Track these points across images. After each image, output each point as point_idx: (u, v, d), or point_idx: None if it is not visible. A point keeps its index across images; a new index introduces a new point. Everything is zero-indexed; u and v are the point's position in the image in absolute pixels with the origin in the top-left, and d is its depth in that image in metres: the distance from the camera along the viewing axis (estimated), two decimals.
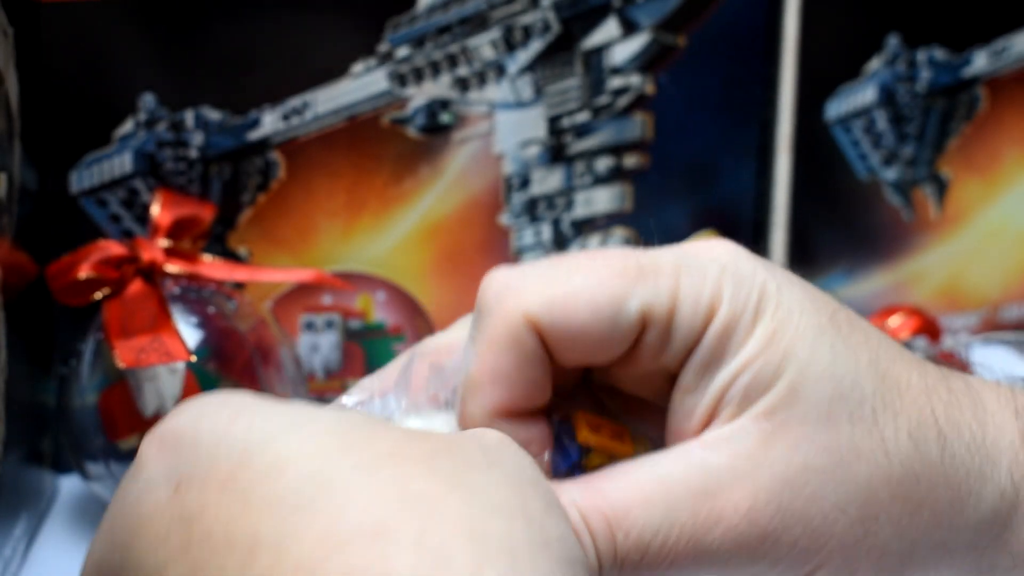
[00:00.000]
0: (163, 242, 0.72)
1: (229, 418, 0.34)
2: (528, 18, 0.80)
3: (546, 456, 0.39)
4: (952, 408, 0.40)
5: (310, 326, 0.81)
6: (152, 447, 0.34)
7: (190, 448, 0.33)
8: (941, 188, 0.92)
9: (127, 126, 0.75)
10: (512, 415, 0.38)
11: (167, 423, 0.34)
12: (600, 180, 0.84)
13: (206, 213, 0.75)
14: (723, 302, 0.38)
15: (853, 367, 0.39)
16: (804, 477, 0.38)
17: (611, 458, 0.39)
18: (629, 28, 0.82)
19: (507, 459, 0.35)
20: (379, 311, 0.82)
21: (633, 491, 0.38)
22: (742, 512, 0.37)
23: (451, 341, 0.42)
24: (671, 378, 0.40)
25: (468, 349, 0.40)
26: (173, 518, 0.32)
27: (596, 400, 0.42)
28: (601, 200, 0.84)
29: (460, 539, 0.31)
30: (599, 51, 0.82)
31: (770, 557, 0.38)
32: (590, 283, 0.38)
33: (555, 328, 0.37)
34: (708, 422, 0.39)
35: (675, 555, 0.37)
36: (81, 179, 0.75)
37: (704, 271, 0.38)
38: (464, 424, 0.38)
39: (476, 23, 0.80)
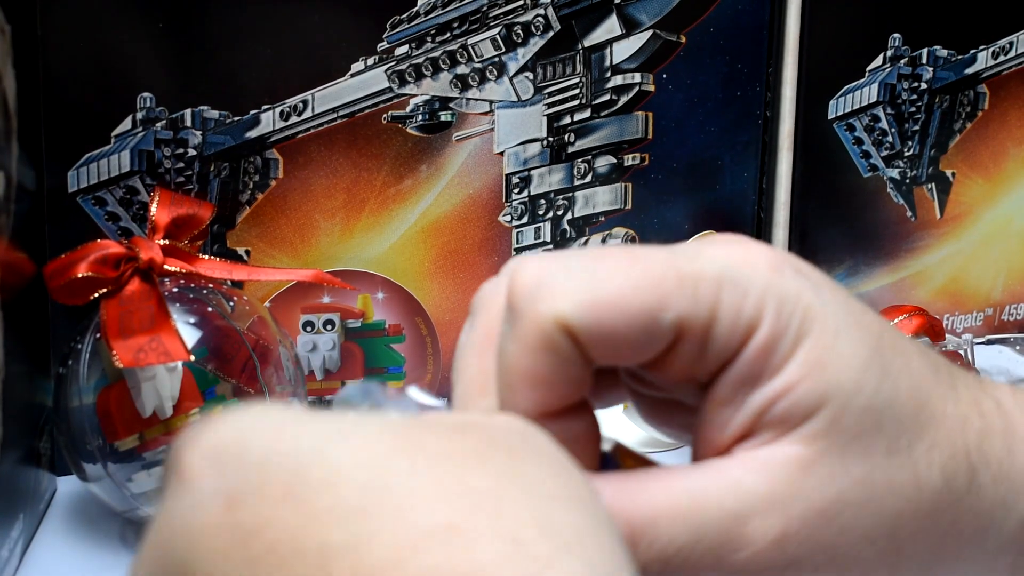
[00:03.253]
0: (161, 241, 0.72)
1: (274, 431, 0.33)
2: (528, 16, 0.80)
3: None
4: (983, 438, 0.40)
5: (309, 325, 0.81)
6: (196, 461, 0.33)
7: (237, 463, 0.32)
8: (944, 187, 0.91)
9: (125, 125, 0.75)
10: (554, 415, 0.38)
11: (208, 437, 0.33)
12: (601, 178, 0.84)
13: (205, 212, 0.74)
14: (764, 321, 0.37)
15: (893, 397, 0.38)
16: (837, 508, 0.37)
17: None
18: (630, 26, 0.82)
19: (544, 447, 0.34)
20: (379, 311, 0.82)
21: (664, 501, 0.37)
22: (771, 538, 0.37)
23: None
24: (702, 382, 0.39)
25: (467, 342, 0.39)
26: (231, 534, 0.31)
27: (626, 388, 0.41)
28: (602, 199, 0.84)
29: (531, 529, 0.31)
30: (599, 49, 0.82)
31: None
32: (626, 289, 0.37)
33: (589, 333, 0.36)
34: (742, 438, 0.38)
35: (696, 572, 0.37)
36: (79, 178, 0.75)
37: (747, 286, 0.38)
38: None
39: (476, 21, 0.79)
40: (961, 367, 0.42)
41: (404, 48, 0.79)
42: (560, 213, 0.84)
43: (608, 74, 0.82)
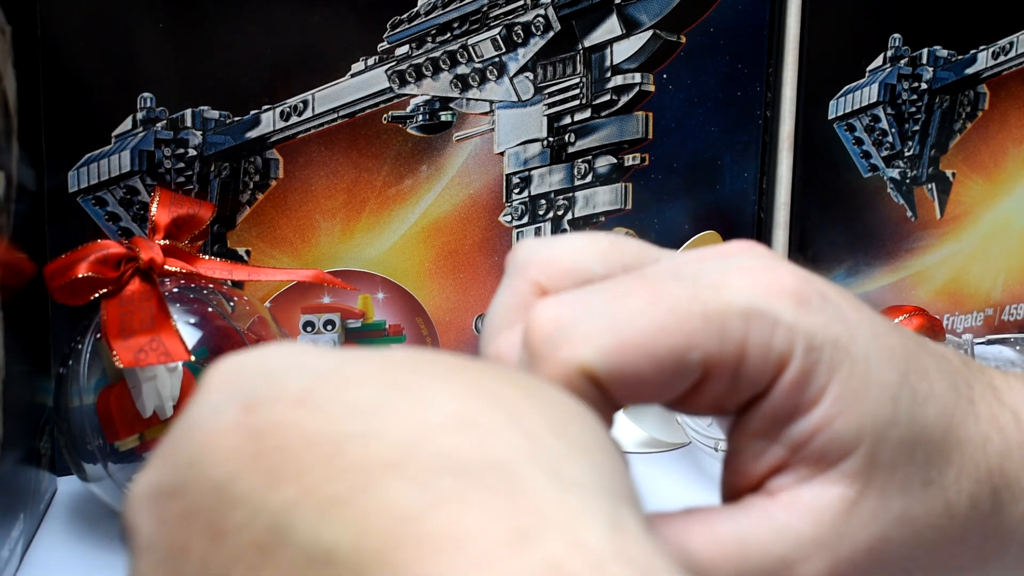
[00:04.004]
0: (162, 241, 0.72)
1: (293, 353, 0.33)
2: (528, 16, 0.80)
3: None
4: (1004, 458, 0.40)
5: (309, 326, 0.81)
6: (215, 378, 0.33)
7: (256, 374, 0.33)
8: (944, 187, 0.91)
9: (125, 125, 0.75)
10: None
11: (229, 360, 0.34)
12: (601, 179, 0.84)
13: (205, 212, 0.74)
14: (795, 356, 0.37)
15: (924, 425, 0.38)
16: (881, 547, 0.37)
17: None
18: (630, 26, 0.82)
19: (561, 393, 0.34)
20: (379, 311, 0.82)
21: (710, 546, 0.37)
22: None
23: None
24: (731, 412, 0.39)
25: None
26: (242, 433, 0.31)
27: None
28: (602, 199, 0.84)
29: (545, 432, 0.31)
30: (600, 49, 0.82)
31: None
32: (650, 332, 0.36)
33: (613, 378, 0.36)
34: (777, 471, 0.38)
35: None
36: (79, 178, 0.75)
37: (775, 320, 0.37)
38: None
39: (476, 21, 0.79)
40: (973, 364, 0.42)
41: (404, 48, 0.79)
42: (560, 213, 0.84)
43: (608, 74, 0.82)
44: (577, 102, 0.82)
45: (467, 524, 0.28)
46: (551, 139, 0.82)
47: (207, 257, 0.73)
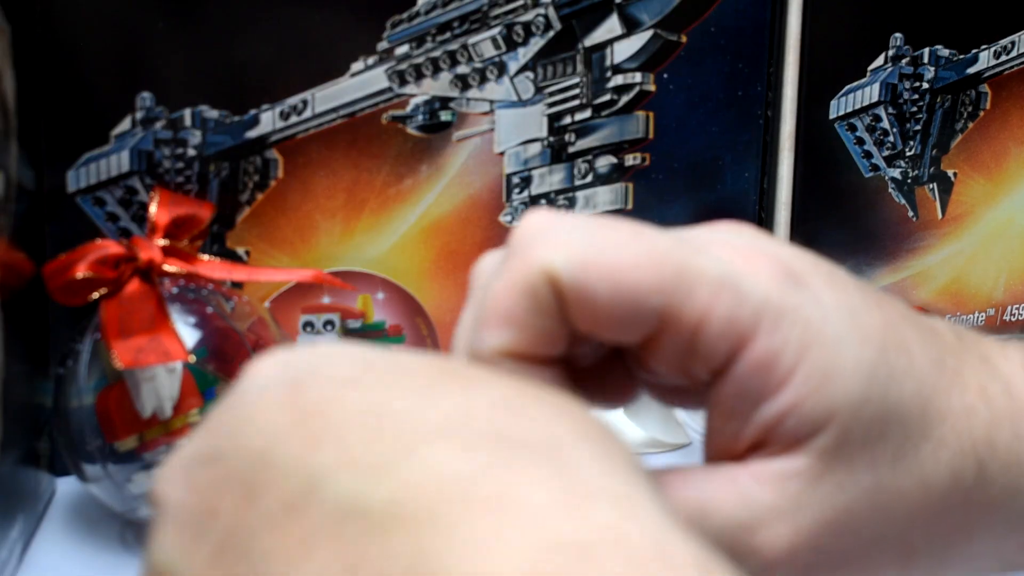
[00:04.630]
0: (161, 241, 0.72)
1: (344, 345, 0.34)
2: (528, 16, 0.80)
3: None
4: (991, 428, 0.40)
5: (309, 326, 0.81)
6: (261, 364, 0.33)
7: (306, 362, 0.33)
8: (946, 187, 0.91)
9: (125, 125, 0.75)
10: (520, 358, 0.38)
11: (274, 352, 0.34)
12: (601, 179, 0.84)
13: (204, 212, 0.74)
14: (759, 334, 0.37)
15: (898, 402, 0.38)
16: (846, 518, 0.37)
17: None
18: (630, 26, 0.82)
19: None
20: (379, 311, 0.82)
21: (674, 505, 0.37)
22: (780, 548, 0.37)
23: None
24: (703, 381, 0.39)
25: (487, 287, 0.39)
26: (288, 409, 0.31)
27: (622, 373, 0.41)
28: (602, 199, 0.84)
29: (585, 426, 0.31)
30: (600, 49, 0.82)
31: None
32: (622, 261, 0.36)
33: (572, 291, 0.36)
34: (754, 448, 0.38)
35: None
36: (78, 178, 0.75)
37: (746, 296, 0.37)
38: (471, 360, 0.38)
39: (476, 21, 0.79)
40: (968, 336, 0.42)
41: (404, 48, 0.78)
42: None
43: (609, 74, 0.82)
44: (577, 102, 0.82)
45: (519, 489, 0.28)
46: (551, 139, 0.82)
47: (206, 257, 0.73)
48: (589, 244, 0.36)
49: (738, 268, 0.37)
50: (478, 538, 0.27)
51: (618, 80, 0.82)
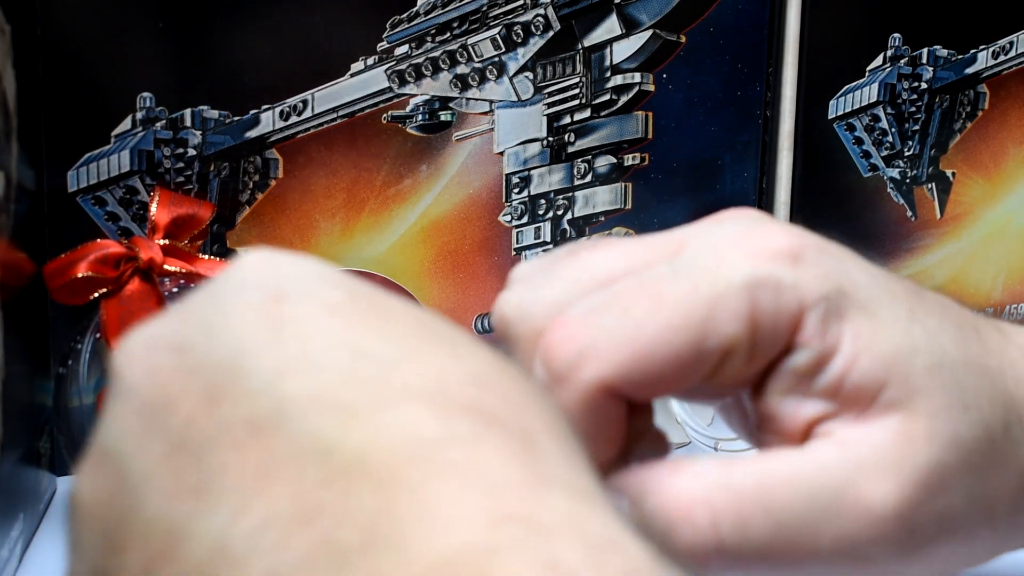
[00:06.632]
0: (161, 241, 0.72)
1: (332, 269, 0.34)
2: (528, 16, 0.80)
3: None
4: (1018, 385, 0.41)
5: None
6: (247, 262, 0.33)
7: (291, 275, 0.32)
8: (944, 187, 0.91)
9: (125, 125, 0.75)
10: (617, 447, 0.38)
11: (261, 252, 0.33)
12: (601, 178, 0.84)
13: (204, 212, 0.74)
14: (806, 312, 0.38)
15: (944, 354, 0.39)
16: (939, 472, 0.38)
17: None
18: (630, 26, 0.82)
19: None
20: None
21: (773, 472, 0.38)
22: (890, 503, 0.37)
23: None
24: (753, 382, 0.39)
25: None
26: (267, 318, 0.31)
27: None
28: (602, 198, 0.84)
29: (554, 421, 0.31)
30: (599, 49, 0.82)
31: (919, 554, 0.38)
32: (661, 334, 0.37)
33: (635, 385, 0.37)
34: (817, 422, 0.38)
35: (821, 545, 0.37)
36: (79, 178, 0.75)
37: (777, 285, 0.38)
38: None
39: (476, 21, 0.79)
40: (972, 312, 0.42)
41: (404, 48, 0.79)
42: (560, 213, 0.84)
43: (608, 74, 0.82)
44: (577, 102, 0.82)
45: (488, 464, 0.28)
46: (551, 139, 0.82)
47: (207, 257, 0.73)
48: (625, 339, 0.37)
49: (757, 262, 0.38)
50: (441, 504, 0.26)
51: (617, 80, 0.82)
